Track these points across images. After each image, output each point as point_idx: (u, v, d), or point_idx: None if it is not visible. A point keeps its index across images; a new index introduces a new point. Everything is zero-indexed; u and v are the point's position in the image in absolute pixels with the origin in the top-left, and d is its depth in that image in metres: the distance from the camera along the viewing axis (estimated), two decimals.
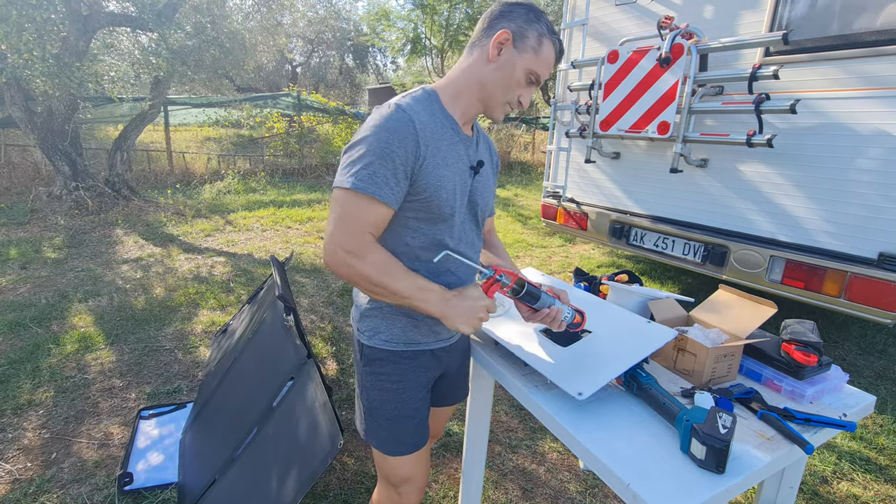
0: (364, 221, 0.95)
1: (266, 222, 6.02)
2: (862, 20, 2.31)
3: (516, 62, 1.00)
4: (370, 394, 1.12)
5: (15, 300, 3.44)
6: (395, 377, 1.11)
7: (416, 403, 1.14)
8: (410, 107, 0.97)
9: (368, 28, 13.84)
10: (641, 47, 2.98)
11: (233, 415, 1.92)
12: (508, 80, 1.01)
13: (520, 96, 1.04)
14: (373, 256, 0.96)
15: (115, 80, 6.23)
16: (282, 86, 16.44)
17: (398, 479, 1.16)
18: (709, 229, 3.02)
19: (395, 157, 0.93)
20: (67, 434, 2.12)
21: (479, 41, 1.03)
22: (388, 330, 1.09)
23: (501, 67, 1.00)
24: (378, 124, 0.94)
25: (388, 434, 1.13)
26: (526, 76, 1.01)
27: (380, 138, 0.93)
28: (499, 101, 1.04)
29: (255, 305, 2.65)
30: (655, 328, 1.17)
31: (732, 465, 0.86)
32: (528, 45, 0.99)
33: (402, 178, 0.96)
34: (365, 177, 0.92)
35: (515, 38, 0.99)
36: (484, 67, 1.02)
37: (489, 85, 1.02)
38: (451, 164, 1.03)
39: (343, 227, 0.95)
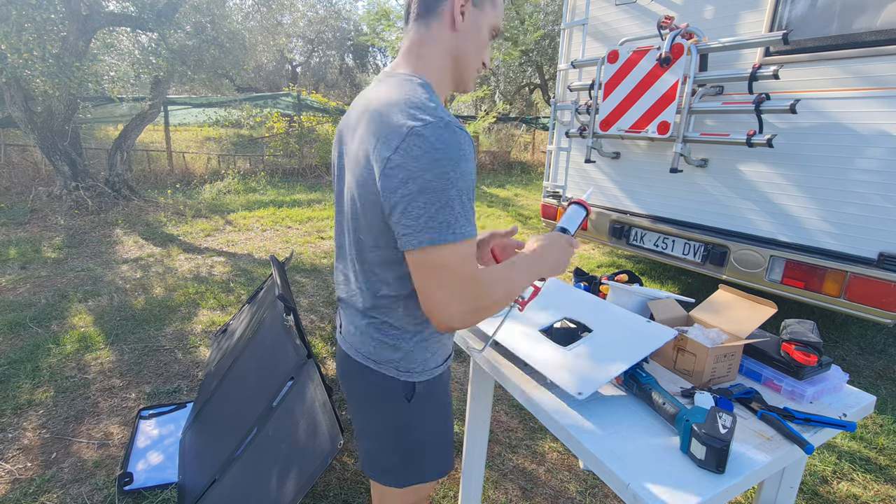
0: (474, 266, 0.81)
1: (266, 222, 6.02)
2: (862, 20, 2.31)
3: (480, 21, 0.91)
4: (420, 428, 1.01)
5: (15, 300, 3.44)
6: (444, 399, 1.05)
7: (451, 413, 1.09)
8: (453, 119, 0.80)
9: (368, 28, 13.83)
10: (641, 47, 2.98)
11: (233, 415, 1.92)
12: (478, 42, 0.93)
13: (483, 57, 0.96)
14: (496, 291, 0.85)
15: (115, 80, 6.23)
16: (282, 86, 16.44)
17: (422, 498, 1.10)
18: (709, 229, 3.02)
19: (474, 181, 0.82)
20: (67, 434, 2.12)
21: (432, 11, 0.89)
22: (436, 356, 1.00)
23: (468, 32, 0.91)
24: (449, 154, 0.76)
25: (434, 460, 1.05)
26: (490, 32, 0.94)
27: (460, 170, 0.77)
28: (472, 69, 0.95)
29: (255, 305, 2.65)
30: (655, 328, 1.17)
31: (732, 465, 0.86)
32: (486, 1, 0.91)
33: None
34: (464, 221, 0.78)
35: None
36: (451, 38, 0.91)
37: (463, 54, 0.92)
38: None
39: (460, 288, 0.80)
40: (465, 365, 2.86)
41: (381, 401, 0.99)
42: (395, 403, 0.98)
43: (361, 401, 1.03)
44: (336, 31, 19.28)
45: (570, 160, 3.86)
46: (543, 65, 14.07)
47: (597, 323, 1.24)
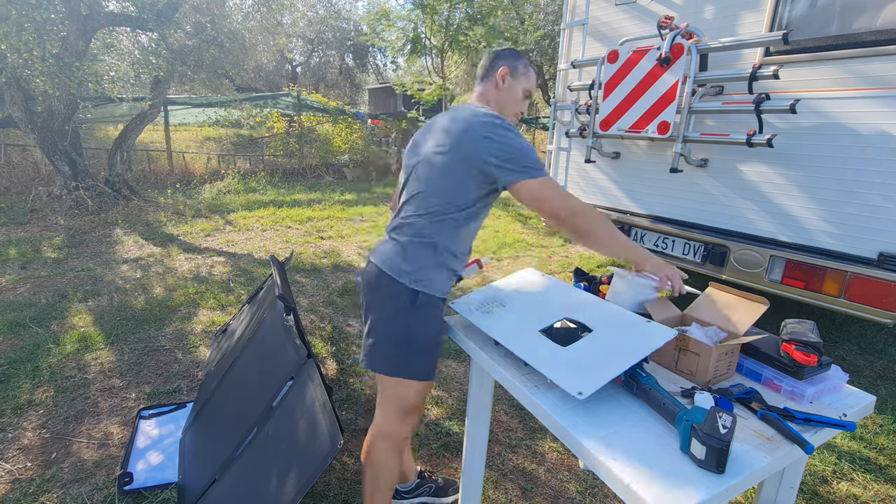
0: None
1: (266, 222, 6.02)
2: (862, 20, 2.31)
3: (515, 86, 1.48)
4: (420, 331, 1.38)
5: (15, 300, 3.44)
6: (438, 317, 1.41)
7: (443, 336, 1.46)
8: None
9: (368, 28, 13.82)
10: (641, 47, 2.98)
11: (233, 415, 1.92)
12: (514, 99, 1.49)
13: (521, 109, 1.53)
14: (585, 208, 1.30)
15: (115, 80, 6.23)
16: (282, 86, 16.44)
17: (412, 407, 1.45)
18: (709, 229, 3.02)
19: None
20: (67, 434, 2.12)
21: (487, 75, 1.50)
22: (440, 280, 1.38)
23: (507, 92, 1.48)
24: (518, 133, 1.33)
25: (426, 364, 1.41)
26: (523, 94, 1.50)
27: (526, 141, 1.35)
28: (510, 114, 1.48)
29: (255, 305, 2.65)
30: (655, 328, 1.17)
31: (732, 465, 0.86)
32: (520, 73, 1.49)
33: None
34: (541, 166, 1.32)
35: (511, 69, 1.47)
36: (496, 93, 1.49)
37: (504, 104, 1.48)
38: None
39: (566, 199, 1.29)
40: (465, 365, 2.86)
41: (391, 302, 1.37)
42: (401, 306, 1.36)
43: (376, 302, 1.41)
44: (336, 31, 19.29)
45: (570, 160, 3.86)
46: (543, 65, 14.08)
47: (597, 323, 1.23)
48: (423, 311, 1.37)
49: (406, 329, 1.38)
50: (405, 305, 1.36)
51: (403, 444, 1.53)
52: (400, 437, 1.50)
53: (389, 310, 1.39)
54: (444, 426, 2.28)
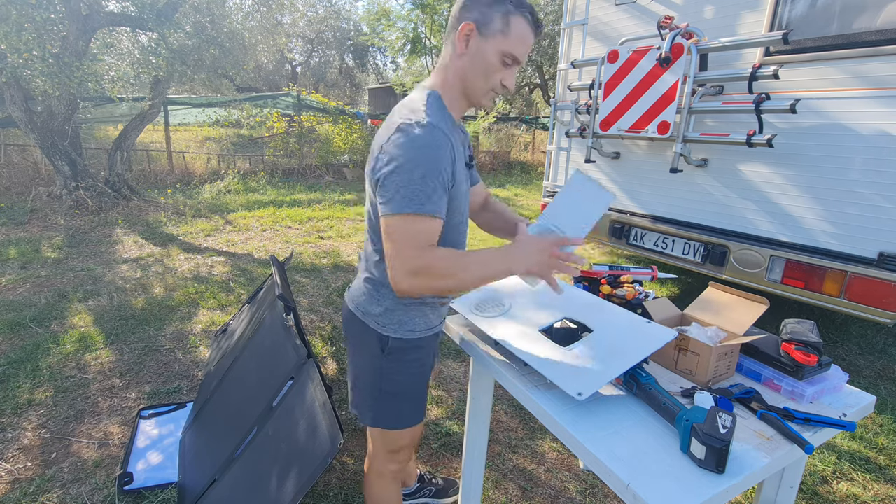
0: (429, 239, 1.00)
1: (266, 222, 6.02)
2: (862, 20, 2.31)
3: (485, 49, 1.02)
4: (395, 379, 1.20)
5: (15, 300, 3.44)
6: (419, 361, 1.22)
7: (428, 379, 1.29)
8: (439, 122, 1.00)
9: (368, 28, 13.83)
10: (641, 47, 2.98)
11: (233, 414, 1.92)
12: (484, 67, 1.04)
13: (502, 80, 1.06)
14: (440, 264, 0.99)
15: (115, 80, 6.23)
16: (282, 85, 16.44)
17: (402, 446, 1.31)
18: (709, 229, 3.02)
19: (444, 174, 0.99)
20: (67, 434, 2.12)
21: (450, 35, 1.07)
22: (412, 321, 1.18)
23: (473, 58, 1.04)
24: (420, 143, 0.96)
25: (409, 410, 1.25)
26: (501, 59, 1.03)
27: (428, 157, 0.96)
28: (481, 90, 1.07)
29: (255, 305, 2.65)
30: (656, 328, 1.17)
31: (732, 465, 0.86)
32: (495, 29, 1.01)
33: (447, 193, 1.02)
34: (424, 199, 0.96)
35: (479, 26, 1.02)
36: (458, 61, 1.06)
37: (467, 77, 1.06)
38: (461, 172, 1.10)
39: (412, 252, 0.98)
40: (465, 365, 2.86)
41: (363, 347, 1.21)
42: (372, 352, 1.19)
43: (350, 345, 1.27)
44: (336, 31, 19.29)
45: (570, 160, 3.86)
46: (543, 65, 14.08)
47: (597, 323, 1.23)
48: (397, 357, 1.19)
49: (380, 378, 1.21)
50: (376, 353, 1.19)
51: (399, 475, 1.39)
52: (393, 472, 1.37)
53: (363, 356, 1.23)
54: (444, 426, 2.28)
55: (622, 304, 1.48)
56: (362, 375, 1.24)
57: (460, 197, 1.10)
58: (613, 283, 1.55)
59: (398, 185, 0.95)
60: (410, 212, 0.95)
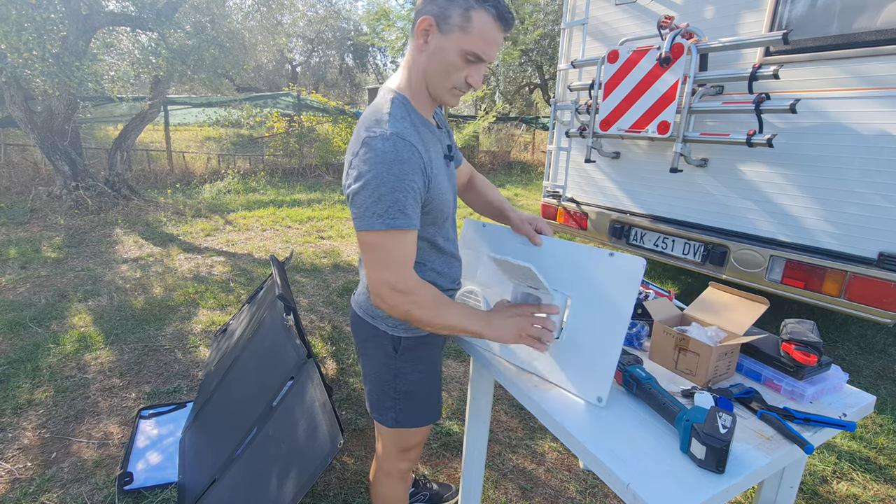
0: (407, 257, 0.99)
1: (266, 222, 6.02)
2: (862, 20, 2.31)
3: (445, 46, 0.96)
4: (408, 378, 1.21)
5: (15, 300, 3.44)
6: (429, 358, 1.24)
7: (440, 379, 1.30)
8: (405, 131, 0.97)
9: (368, 28, 13.83)
10: (641, 47, 2.98)
11: (233, 414, 1.92)
12: (444, 65, 0.98)
13: (466, 77, 1.00)
14: (423, 293, 1.01)
15: (115, 80, 6.23)
16: (282, 85, 16.44)
17: (415, 443, 1.30)
18: (709, 229, 3.02)
19: (413, 185, 0.97)
20: (67, 434, 2.12)
21: (412, 32, 1.01)
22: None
23: (432, 55, 0.99)
24: (386, 158, 0.94)
25: (428, 406, 1.25)
26: (462, 56, 0.97)
27: (394, 172, 0.94)
28: (443, 88, 1.02)
29: (255, 305, 2.65)
30: (621, 259, 1.04)
31: (732, 465, 0.86)
32: (453, 25, 0.95)
33: (419, 201, 1.01)
34: (396, 213, 0.94)
35: (438, 21, 0.95)
36: (418, 58, 1.01)
37: (428, 74, 1.01)
38: (440, 169, 1.08)
39: (390, 269, 0.98)
40: (466, 365, 2.86)
41: (375, 350, 1.21)
42: (385, 353, 1.19)
43: (361, 350, 1.26)
44: (336, 30, 19.28)
45: (570, 160, 3.86)
46: (543, 64, 14.08)
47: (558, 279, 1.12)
48: (410, 356, 1.20)
49: (396, 378, 1.21)
50: (389, 353, 1.19)
51: (407, 474, 1.38)
52: (403, 471, 1.35)
53: (376, 359, 1.22)
54: (444, 426, 2.28)
55: None
56: (378, 378, 1.22)
57: (441, 197, 1.08)
58: None
59: (368, 202, 0.95)
60: (383, 228, 0.95)
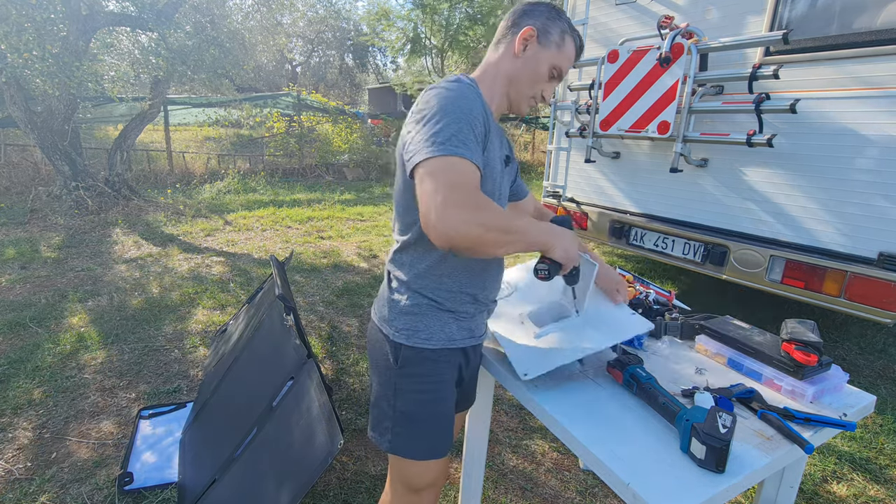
0: (473, 181, 0.87)
1: (266, 222, 6.02)
2: (862, 20, 2.31)
3: (541, 57, 1.05)
4: (407, 397, 1.06)
5: (14, 300, 3.44)
6: (433, 377, 1.07)
7: (451, 403, 1.11)
8: (473, 83, 1.00)
9: (368, 28, 13.83)
10: (641, 47, 2.98)
11: (233, 415, 1.92)
12: (534, 74, 1.06)
13: (543, 90, 1.09)
14: (493, 206, 0.88)
15: (115, 80, 6.23)
16: (282, 85, 16.44)
17: (423, 484, 1.12)
18: (709, 229, 3.02)
19: (476, 124, 0.92)
20: (67, 434, 2.12)
21: (505, 37, 1.07)
22: (428, 328, 1.06)
23: (527, 62, 1.05)
24: (453, 95, 0.92)
25: (423, 439, 1.08)
26: (549, 71, 1.07)
27: (460, 106, 0.91)
28: (525, 95, 1.08)
29: (255, 305, 2.65)
30: (636, 320, 1.20)
31: (732, 465, 0.86)
32: (552, 41, 1.05)
33: (480, 144, 0.94)
34: (459, 143, 0.87)
35: (540, 34, 1.04)
36: (510, 62, 1.06)
37: (516, 79, 1.06)
38: (496, 150, 1.04)
39: (457, 191, 0.84)
40: None
41: (378, 359, 1.11)
42: (387, 364, 1.08)
43: (370, 358, 1.16)
44: (336, 31, 19.28)
45: (570, 160, 3.86)
46: None
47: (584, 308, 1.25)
48: (411, 371, 1.06)
49: (395, 394, 1.07)
50: (390, 364, 1.07)
51: None
52: None
53: (379, 369, 1.11)
54: None
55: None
56: (379, 392, 1.11)
57: (490, 173, 1.00)
58: None
59: (431, 132, 0.88)
60: (448, 153, 0.85)
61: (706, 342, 1.29)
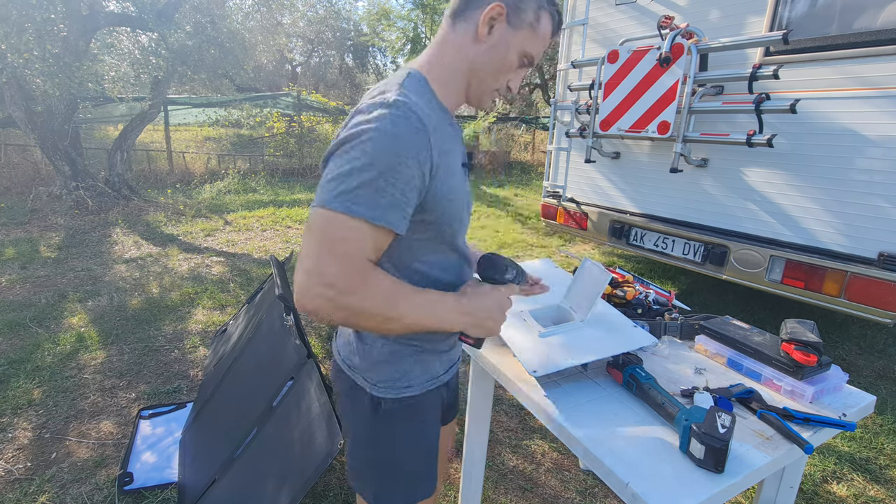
0: (360, 251, 0.73)
1: (266, 222, 6.02)
2: (862, 20, 2.31)
3: (510, 41, 0.83)
4: (391, 447, 0.95)
5: (15, 300, 3.44)
6: (418, 421, 0.95)
7: (436, 440, 1.00)
8: (416, 105, 0.76)
9: (368, 28, 13.85)
10: (641, 47, 2.98)
11: (233, 415, 1.92)
12: (501, 63, 0.85)
13: (509, 81, 0.89)
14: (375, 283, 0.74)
15: (115, 80, 6.23)
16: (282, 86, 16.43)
17: None
18: (709, 229, 3.02)
19: (407, 172, 0.72)
20: (67, 434, 2.12)
21: (464, 13, 0.84)
22: (409, 374, 0.92)
23: (494, 48, 0.84)
24: (381, 127, 0.72)
25: (414, 483, 0.98)
26: (519, 58, 0.86)
27: (385, 148, 0.71)
28: (489, 88, 0.88)
29: (255, 305, 2.65)
30: (638, 333, 1.22)
31: (731, 465, 0.86)
32: (525, 21, 0.83)
33: (414, 196, 0.76)
34: (365, 197, 0.70)
35: (510, 12, 0.82)
36: (472, 48, 0.84)
37: (479, 69, 0.85)
38: (456, 171, 0.85)
39: (333, 262, 0.70)
40: (465, 365, 2.86)
41: (354, 408, 0.96)
42: (363, 414, 0.94)
43: (341, 403, 1.01)
44: (336, 31, 19.28)
45: (570, 160, 3.86)
46: (543, 65, 14.07)
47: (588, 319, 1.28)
48: (394, 421, 0.93)
49: (375, 446, 0.95)
50: (368, 415, 0.93)
51: None
52: None
53: (355, 418, 0.97)
54: None
55: (622, 304, 1.48)
56: (356, 442, 0.97)
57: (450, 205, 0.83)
58: (614, 283, 1.55)
59: (336, 172, 0.72)
60: (344, 211, 0.70)
61: (706, 342, 1.30)
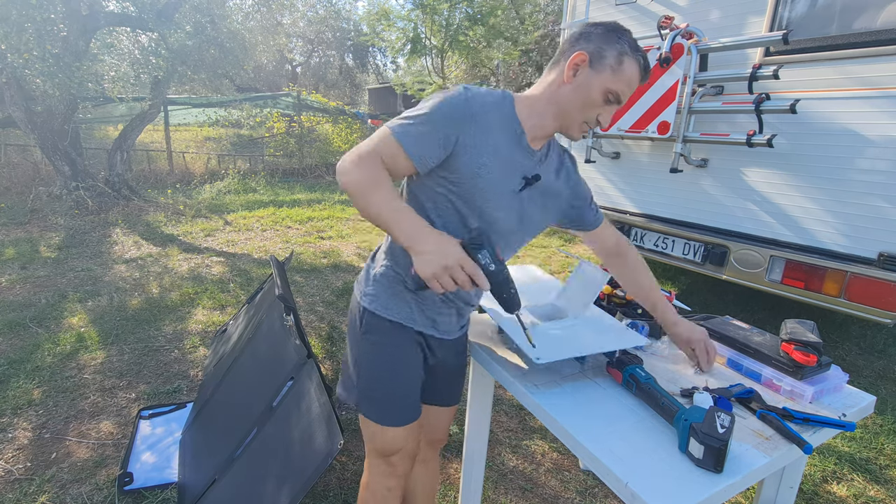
0: (385, 154, 0.97)
1: (266, 222, 6.02)
2: (862, 20, 2.31)
3: (592, 82, 1.00)
4: (368, 362, 1.15)
5: (14, 300, 3.44)
6: (390, 347, 1.14)
7: (410, 380, 1.16)
8: (477, 92, 1.00)
9: (368, 28, 13.83)
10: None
11: (233, 415, 1.92)
12: (584, 100, 1.01)
13: (598, 115, 1.03)
14: (377, 171, 0.96)
15: (115, 80, 6.23)
16: (282, 86, 16.43)
17: (391, 450, 1.18)
18: (709, 229, 3.02)
19: (447, 129, 0.96)
20: (67, 434, 2.12)
21: (557, 62, 1.04)
22: (389, 300, 1.12)
23: (577, 88, 1.01)
24: (444, 96, 0.98)
25: (383, 405, 1.16)
26: (604, 95, 1.00)
27: (437, 105, 0.97)
28: (576, 121, 1.04)
29: (255, 305, 2.65)
30: (631, 333, 1.26)
31: (731, 465, 0.86)
32: (606, 65, 0.99)
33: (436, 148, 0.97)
34: (408, 134, 0.96)
35: (592, 58, 0.99)
36: (560, 88, 1.03)
37: (564, 105, 1.03)
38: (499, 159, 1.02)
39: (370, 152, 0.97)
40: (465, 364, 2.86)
41: (351, 321, 1.19)
42: (355, 327, 1.17)
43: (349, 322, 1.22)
44: (336, 31, 19.28)
45: None
46: (543, 65, 14.08)
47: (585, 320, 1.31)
48: (371, 334, 1.14)
49: (359, 353, 1.16)
50: (356, 328, 1.16)
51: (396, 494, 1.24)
52: (380, 488, 1.22)
53: (350, 332, 1.20)
54: None
55: (622, 304, 1.48)
56: (349, 352, 1.20)
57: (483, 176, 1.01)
58: (614, 283, 1.55)
59: (405, 116, 0.99)
60: (395, 135, 0.96)
61: None
